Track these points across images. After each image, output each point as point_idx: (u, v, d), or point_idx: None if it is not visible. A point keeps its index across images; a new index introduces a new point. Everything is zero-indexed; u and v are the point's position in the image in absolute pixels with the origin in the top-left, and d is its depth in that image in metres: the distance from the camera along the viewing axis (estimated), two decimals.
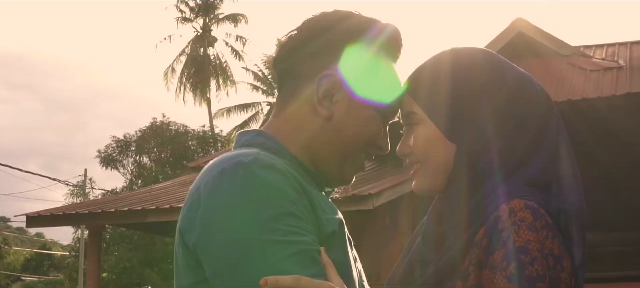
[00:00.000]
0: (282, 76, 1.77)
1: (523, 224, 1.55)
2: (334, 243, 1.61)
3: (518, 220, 1.55)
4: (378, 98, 1.72)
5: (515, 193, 1.60)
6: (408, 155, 1.79)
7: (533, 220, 1.55)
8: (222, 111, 44.20)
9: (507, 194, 1.60)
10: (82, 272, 34.63)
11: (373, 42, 1.73)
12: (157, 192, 15.58)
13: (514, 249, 1.53)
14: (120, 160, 40.47)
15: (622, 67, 14.08)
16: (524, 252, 1.53)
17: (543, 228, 1.56)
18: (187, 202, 1.59)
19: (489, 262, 1.57)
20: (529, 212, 1.56)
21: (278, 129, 1.73)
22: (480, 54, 1.77)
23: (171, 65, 44.08)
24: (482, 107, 1.69)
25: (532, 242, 1.53)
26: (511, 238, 1.54)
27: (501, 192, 1.62)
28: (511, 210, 1.57)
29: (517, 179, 1.64)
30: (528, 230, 1.54)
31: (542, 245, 1.54)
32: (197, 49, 44.11)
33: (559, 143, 1.71)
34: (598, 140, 12.11)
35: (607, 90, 12.92)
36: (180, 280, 1.62)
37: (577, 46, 15.47)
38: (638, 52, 15.09)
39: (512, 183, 1.63)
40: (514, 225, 1.55)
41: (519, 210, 1.56)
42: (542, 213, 1.57)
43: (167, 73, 44.06)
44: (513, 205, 1.57)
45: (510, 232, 1.55)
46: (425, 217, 1.86)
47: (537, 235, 1.54)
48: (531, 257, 1.52)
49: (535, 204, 1.58)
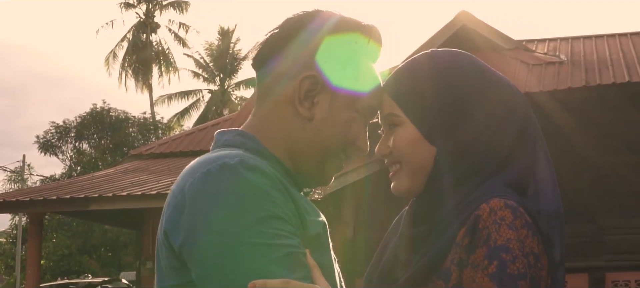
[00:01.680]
0: (262, 75, 1.76)
1: (503, 223, 1.57)
2: (318, 246, 1.61)
3: (498, 219, 1.57)
4: (359, 99, 1.72)
5: (495, 193, 1.62)
6: (387, 156, 1.80)
7: (513, 219, 1.57)
8: (163, 98, 43.96)
9: (487, 194, 1.62)
10: (19, 258, 34.13)
11: (354, 42, 1.73)
12: (99, 179, 15.42)
13: (495, 248, 1.55)
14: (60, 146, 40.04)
15: (564, 62, 14.30)
16: (505, 251, 1.55)
17: (523, 226, 1.58)
18: (170, 203, 1.57)
19: (470, 261, 1.58)
20: (509, 211, 1.58)
21: (258, 129, 1.72)
22: (462, 58, 1.79)
23: (113, 51, 43.62)
24: (464, 111, 1.71)
25: (513, 241, 1.56)
26: (492, 237, 1.56)
27: (481, 192, 1.64)
28: (491, 209, 1.58)
29: (497, 180, 1.66)
30: (508, 229, 1.56)
31: (522, 243, 1.56)
32: (139, 35, 43.67)
33: (536, 146, 1.74)
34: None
35: (549, 85, 13.11)
36: (164, 281, 1.61)
37: (520, 40, 15.66)
38: (579, 47, 15.34)
39: (492, 184, 1.65)
40: (494, 224, 1.57)
41: (499, 209, 1.58)
42: (521, 212, 1.60)
43: (108, 59, 43.56)
44: (493, 204, 1.59)
45: (490, 230, 1.57)
46: (398, 218, 1.87)
47: (518, 233, 1.57)
48: (512, 255, 1.55)
49: (515, 203, 1.60)
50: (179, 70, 44.51)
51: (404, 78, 1.78)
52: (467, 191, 1.66)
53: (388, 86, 1.79)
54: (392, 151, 1.77)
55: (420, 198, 1.76)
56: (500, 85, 1.76)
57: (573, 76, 13.47)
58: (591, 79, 13.14)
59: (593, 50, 15.04)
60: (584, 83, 12.99)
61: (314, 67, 1.69)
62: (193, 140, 17.78)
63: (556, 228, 1.66)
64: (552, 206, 1.67)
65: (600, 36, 16.19)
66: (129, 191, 13.17)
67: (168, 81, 44.67)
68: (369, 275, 1.83)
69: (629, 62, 13.86)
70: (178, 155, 17.18)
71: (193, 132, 18.82)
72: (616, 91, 12.84)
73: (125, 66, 43.35)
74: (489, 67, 1.79)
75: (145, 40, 43.62)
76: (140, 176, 14.89)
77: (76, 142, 39.92)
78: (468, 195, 1.65)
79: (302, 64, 1.70)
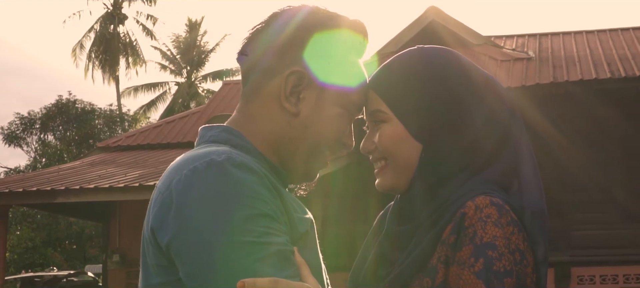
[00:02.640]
0: (247, 70, 1.74)
1: (489, 220, 1.57)
2: (306, 244, 1.60)
3: (484, 217, 1.58)
4: (345, 95, 1.71)
5: (480, 190, 1.63)
6: (372, 152, 1.79)
7: (499, 217, 1.58)
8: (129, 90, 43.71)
9: (472, 192, 1.63)
10: None
11: (340, 37, 1.72)
12: (65, 172, 15.28)
13: (482, 245, 1.56)
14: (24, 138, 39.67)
15: (532, 58, 14.41)
16: (492, 248, 1.56)
17: (509, 224, 1.59)
18: (157, 200, 1.55)
19: (457, 259, 1.59)
20: (495, 209, 1.59)
21: (243, 125, 1.71)
22: (450, 56, 1.79)
23: (80, 42, 43.23)
24: (451, 109, 1.71)
25: (499, 238, 1.56)
26: (478, 234, 1.57)
27: (466, 190, 1.64)
28: (477, 207, 1.59)
29: (482, 178, 1.67)
30: (494, 226, 1.57)
31: (508, 240, 1.57)
32: (106, 26, 43.34)
33: (521, 145, 1.75)
34: None
35: (517, 81, 13.21)
36: (150, 279, 1.58)
37: (488, 36, 15.76)
38: (547, 44, 15.47)
39: (477, 182, 1.66)
40: (480, 222, 1.58)
41: (485, 207, 1.59)
42: (507, 209, 1.60)
43: (75, 50, 43.18)
44: (479, 201, 1.60)
45: (476, 228, 1.57)
46: (382, 216, 1.87)
47: (504, 231, 1.57)
48: (498, 252, 1.55)
49: (500, 200, 1.61)
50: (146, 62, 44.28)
51: (391, 75, 1.77)
52: (453, 188, 1.67)
53: (374, 82, 1.78)
54: (378, 147, 1.77)
55: (405, 196, 1.76)
56: (487, 84, 1.77)
57: (541, 72, 13.58)
58: (559, 76, 13.26)
59: (561, 47, 15.17)
60: (551, 79, 13.12)
61: (300, 63, 1.68)
62: (161, 133, 17.69)
63: (540, 227, 1.67)
64: (536, 205, 1.68)
65: (567, 33, 16.33)
66: (97, 184, 13.05)
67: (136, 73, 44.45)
68: (354, 273, 1.83)
69: (596, 60, 13.99)
70: (146, 148, 17.09)
71: (161, 125, 18.72)
72: (583, 88, 12.97)
73: (92, 57, 42.98)
74: (476, 66, 1.79)
75: (113, 32, 43.30)
76: (108, 168, 14.79)
77: (41, 133, 39.62)
78: (453, 193, 1.66)
79: (288, 59, 1.68)
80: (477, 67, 1.80)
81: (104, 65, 42.86)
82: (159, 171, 13.72)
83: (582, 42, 15.38)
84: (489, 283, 1.53)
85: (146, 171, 13.89)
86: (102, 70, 43.05)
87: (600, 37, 15.73)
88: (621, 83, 12.76)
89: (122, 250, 15.63)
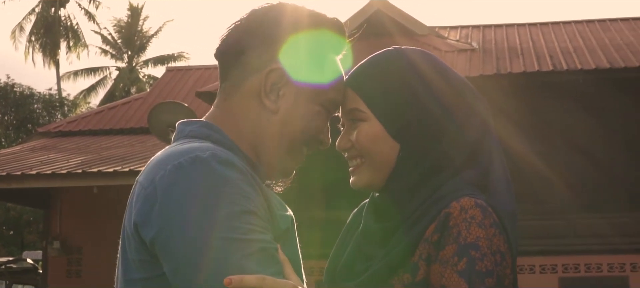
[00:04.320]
0: (226, 66, 1.74)
1: (474, 221, 1.61)
2: (287, 240, 1.61)
3: (469, 217, 1.61)
4: (324, 93, 1.72)
5: (464, 191, 1.66)
6: (348, 150, 1.81)
7: (483, 218, 1.62)
8: (69, 74, 43.07)
9: (456, 192, 1.66)
10: None
11: (319, 36, 1.73)
12: (6, 157, 15.02)
13: (465, 245, 1.59)
14: None
15: (476, 50, 14.55)
16: (475, 248, 1.59)
17: (491, 226, 1.62)
18: (139, 194, 1.54)
19: (439, 257, 1.62)
20: (479, 210, 1.62)
21: (222, 121, 1.71)
22: (428, 58, 1.81)
23: (20, 24, 42.41)
24: (429, 110, 1.74)
25: (482, 239, 1.60)
26: (462, 234, 1.60)
27: (448, 190, 1.67)
28: (462, 208, 1.62)
29: (462, 179, 1.70)
30: (478, 227, 1.60)
31: (491, 242, 1.61)
32: (48, 8, 42.61)
33: (493, 147, 1.78)
34: None
35: (460, 72, 13.26)
36: (131, 274, 1.58)
37: (433, 27, 15.87)
38: (490, 36, 15.62)
39: (458, 183, 1.69)
40: (464, 222, 1.61)
41: (470, 208, 1.62)
42: (490, 211, 1.64)
43: (15, 32, 42.40)
44: (464, 202, 1.63)
45: (461, 228, 1.61)
46: (356, 213, 1.89)
47: (487, 232, 1.61)
48: (481, 253, 1.59)
49: (484, 202, 1.64)
50: (87, 46, 43.65)
51: (369, 74, 1.79)
52: (433, 188, 1.69)
53: (352, 81, 1.80)
54: (355, 145, 1.78)
55: (383, 194, 1.78)
56: (463, 87, 1.80)
57: (484, 64, 13.71)
58: (502, 67, 13.40)
59: (504, 38, 15.34)
60: (495, 71, 13.25)
61: (280, 60, 1.69)
62: (102, 119, 17.51)
63: (512, 229, 1.70)
64: (507, 206, 1.72)
65: (510, 25, 16.53)
66: (38, 170, 12.88)
67: (77, 56, 43.74)
68: (330, 268, 1.84)
69: (539, 52, 14.18)
70: (87, 134, 16.90)
71: (102, 111, 18.52)
72: (526, 79, 13.13)
73: (33, 40, 42.26)
74: (451, 68, 1.82)
75: (54, 15, 42.60)
76: (49, 154, 14.58)
77: None
78: (433, 192, 1.68)
79: (267, 56, 1.69)
80: (453, 69, 1.82)
81: (44, 48, 42.11)
82: (102, 157, 13.58)
83: (525, 35, 15.57)
84: (471, 283, 1.57)
85: (89, 157, 13.74)
86: (43, 53, 42.29)
87: (543, 29, 15.95)
88: (563, 76, 12.94)
89: (62, 236, 15.41)
